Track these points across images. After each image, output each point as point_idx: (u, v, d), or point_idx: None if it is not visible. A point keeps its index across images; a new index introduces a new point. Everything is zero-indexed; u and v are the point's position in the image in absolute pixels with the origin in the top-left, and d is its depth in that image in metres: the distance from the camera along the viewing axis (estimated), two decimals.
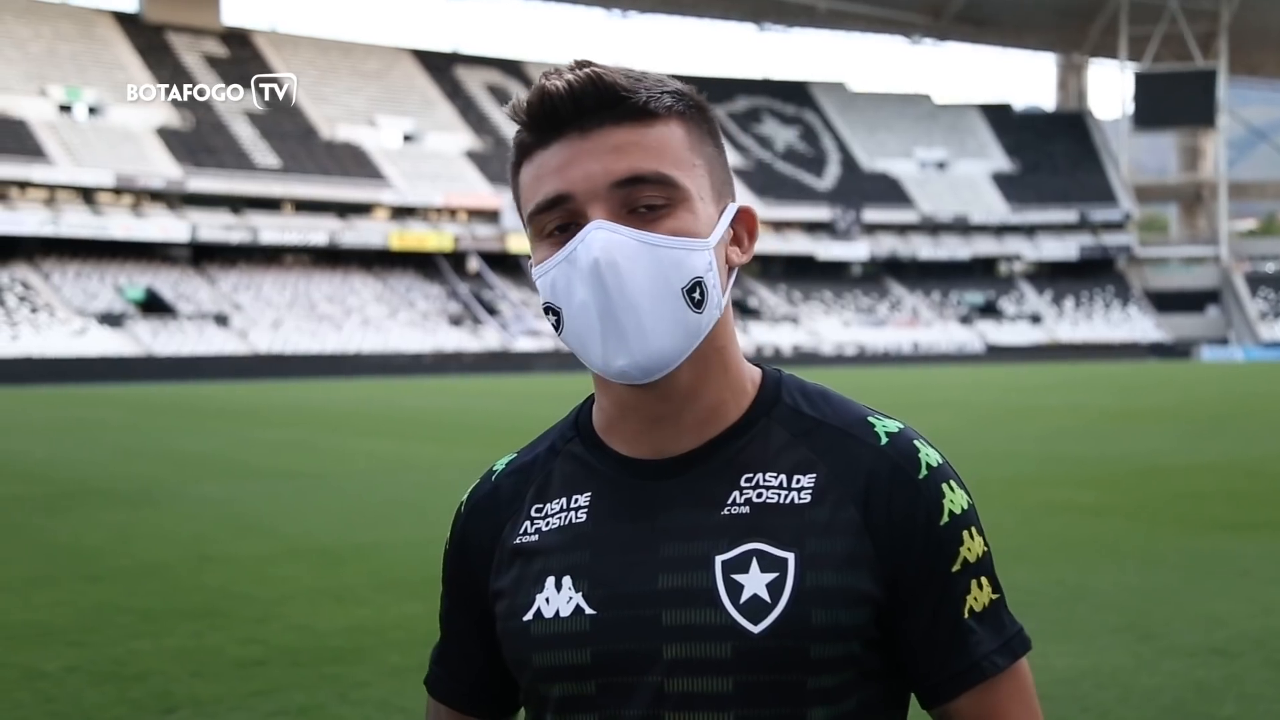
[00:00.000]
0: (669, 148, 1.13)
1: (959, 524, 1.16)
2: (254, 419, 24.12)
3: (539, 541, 1.22)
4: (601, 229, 1.10)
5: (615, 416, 1.22)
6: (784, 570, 1.13)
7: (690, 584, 1.14)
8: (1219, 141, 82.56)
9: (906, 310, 72.15)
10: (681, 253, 1.12)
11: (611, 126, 1.12)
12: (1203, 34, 79.43)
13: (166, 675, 5.69)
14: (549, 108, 1.13)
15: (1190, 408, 24.22)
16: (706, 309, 1.14)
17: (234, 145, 62.33)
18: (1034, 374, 45.04)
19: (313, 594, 7.38)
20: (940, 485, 1.17)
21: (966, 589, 1.16)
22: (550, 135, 1.14)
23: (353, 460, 15.49)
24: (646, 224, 1.12)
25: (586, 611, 1.16)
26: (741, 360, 1.23)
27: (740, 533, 1.15)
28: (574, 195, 1.12)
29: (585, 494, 1.22)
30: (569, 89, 1.12)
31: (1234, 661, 5.65)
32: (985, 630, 1.16)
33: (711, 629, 1.12)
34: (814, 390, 1.24)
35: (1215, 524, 9.59)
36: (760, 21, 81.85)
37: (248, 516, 10.75)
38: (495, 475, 1.30)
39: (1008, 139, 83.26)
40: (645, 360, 1.12)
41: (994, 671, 1.15)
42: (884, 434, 1.19)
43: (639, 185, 1.11)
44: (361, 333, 57.11)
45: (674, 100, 1.15)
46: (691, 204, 1.14)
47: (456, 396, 32.79)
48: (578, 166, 1.12)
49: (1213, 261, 77.48)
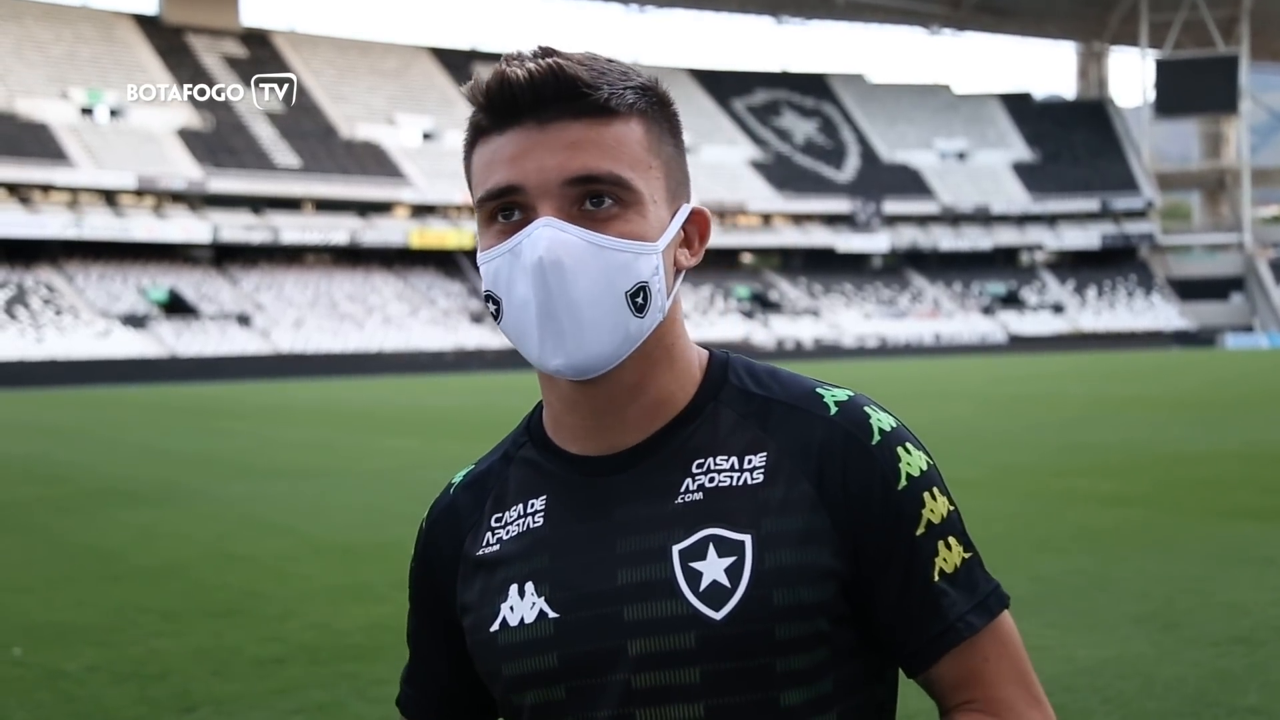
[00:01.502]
0: (626, 148, 1.11)
1: (918, 486, 1.14)
2: (276, 418, 24.23)
3: (500, 551, 1.21)
4: (550, 226, 1.08)
5: (561, 412, 1.20)
6: (741, 553, 1.11)
7: (649, 577, 1.12)
8: (1241, 128, 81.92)
9: (928, 302, 71.89)
10: (628, 256, 1.10)
11: (570, 121, 1.10)
12: (1224, 19, 78.81)
13: (187, 674, 5.71)
14: (508, 95, 1.10)
15: (1214, 395, 24.05)
16: (649, 313, 1.12)
17: (254, 145, 62.60)
18: (1056, 363, 44.82)
19: (333, 592, 7.40)
20: (895, 449, 1.14)
21: (934, 551, 1.13)
22: (507, 122, 1.11)
23: (374, 459, 15.53)
24: (596, 224, 1.10)
25: (550, 615, 1.15)
26: (690, 350, 1.21)
27: (695, 520, 1.13)
28: (525, 188, 1.10)
29: (540, 498, 1.21)
30: (529, 78, 1.10)
31: (1257, 650, 5.60)
32: (958, 591, 1.13)
33: (673, 620, 1.11)
34: (762, 369, 1.22)
35: (1239, 512, 9.51)
36: (778, 14, 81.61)
37: (269, 516, 10.79)
38: (454, 488, 1.29)
39: (1028, 128, 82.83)
40: (581, 361, 1.11)
41: (970, 632, 1.13)
42: (833, 404, 1.17)
43: (592, 184, 1.10)
44: (383, 331, 57.29)
45: (637, 97, 1.13)
46: (643, 207, 1.12)
47: (478, 394, 32.84)
48: (532, 159, 1.10)
49: (1236, 248, 76.95)
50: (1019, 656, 1.16)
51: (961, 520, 1.17)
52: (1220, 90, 78.40)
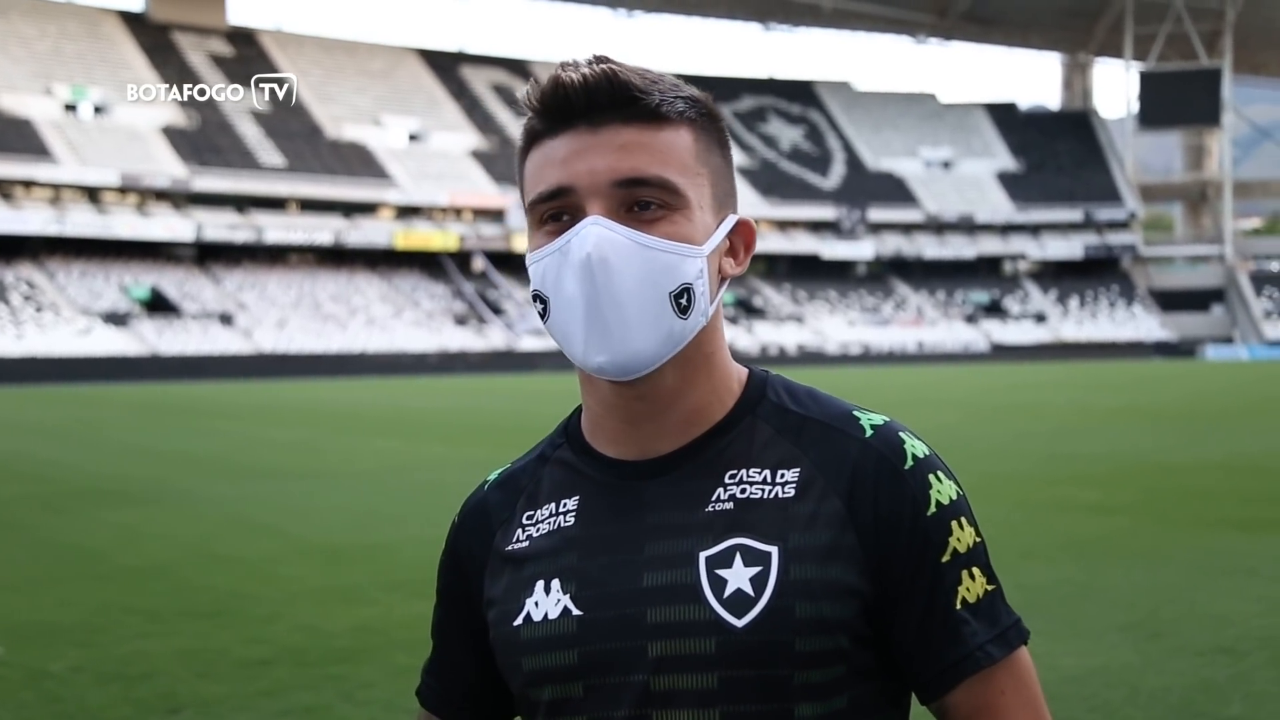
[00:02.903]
0: (676, 153, 1.14)
1: (947, 514, 1.15)
2: (260, 419, 24.15)
3: (529, 547, 1.22)
4: (598, 224, 1.11)
5: (599, 415, 1.22)
6: (767, 564, 1.12)
7: (674, 581, 1.14)
8: (1224, 140, 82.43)
9: (911, 309, 72.10)
10: (674, 258, 1.12)
11: (621, 125, 1.13)
12: (1208, 33, 79.30)
13: (172, 675, 5.69)
14: (561, 98, 1.13)
15: (1196, 406, 24.18)
16: (692, 316, 1.14)
17: (239, 144, 62.41)
18: (1039, 373, 44.99)
19: (319, 594, 7.38)
20: (927, 476, 1.16)
21: (958, 580, 1.14)
22: (560, 126, 1.14)
23: (359, 460, 15.49)
24: (643, 226, 1.12)
25: (574, 613, 1.16)
26: (729, 364, 1.23)
27: (724, 528, 1.15)
28: (575, 188, 1.12)
29: (573, 498, 1.22)
30: (584, 82, 1.12)
31: (1241, 660, 5.63)
32: (979, 621, 1.14)
33: (695, 625, 1.12)
34: (801, 389, 1.24)
35: (1222, 522, 9.57)
36: (766, 21, 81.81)
37: (255, 516, 10.76)
38: (487, 486, 1.31)
39: (1013, 138, 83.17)
40: (623, 359, 1.12)
41: (988, 662, 1.14)
42: (869, 426, 1.18)
43: (641, 187, 1.12)
44: (366, 332, 57.16)
45: (687, 106, 1.16)
46: (690, 212, 1.14)
47: (462, 396, 32.80)
48: (583, 160, 1.12)
49: (1217, 260, 77.37)
50: (1035, 693, 1.17)
51: (987, 553, 1.18)
52: (1203, 103, 78.86)
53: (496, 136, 70.59)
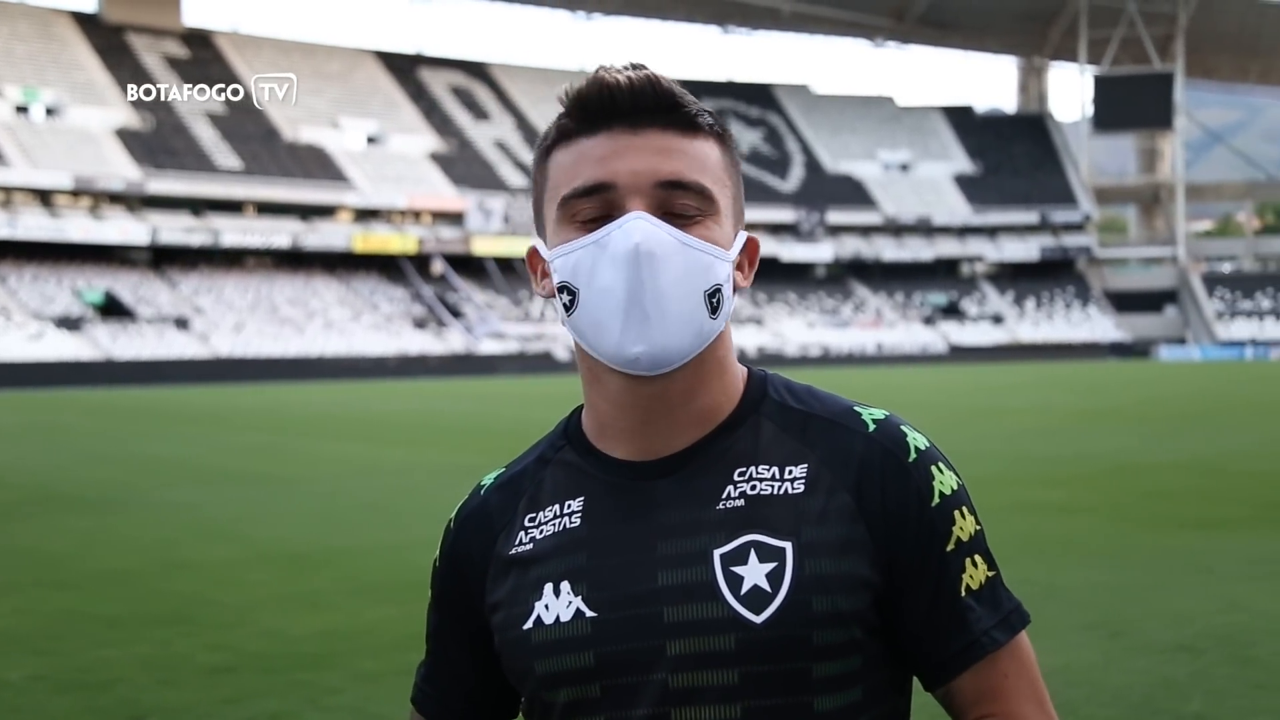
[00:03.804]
0: (709, 162, 1.18)
1: (950, 504, 1.19)
2: (218, 423, 23.92)
3: (533, 550, 1.22)
4: (643, 219, 1.13)
5: (609, 415, 1.22)
6: (782, 559, 1.14)
7: (690, 579, 1.15)
8: (1176, 144, 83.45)
9: (870, 311, 72.49)
10: (709, 259, 1.16)
11: (660, 130, 1.16)
12: (1160, 37, 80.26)
13: (134, 683, 5.62)
14: (606, 99, 1.16)
15: (1152, 407, 24.46)
16: (720, 316, 1.18)
17: (195, 147, 61.82)
18: (997, 374, 45.36)
19: (283, 599, 7.32)
20: (929, 467, 1.19)
21: (961, 568, 1.18)
22: (599, 125, 1.17)
23: (320, 464, 15.39)
24: (681, 226, 1.15)
25: (587, 614, 1.17)
26: (736, 366, 1.26)
27: (737, 525, 1.16)
28: (616, 185, 1.15)
29: (578, 499, 1.23)
30: (629, 84, 1.16)
31: (1200, 658, 5.71)
32: (983, 607, 1.18)
33: (714, 622, 1.13)
34: (799, 386, 1.27)
35: (1181, 522, 9.69)
36: (724, 24, 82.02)
37: (215, 521, 10.66)
38: (484, 489, 1.31)
39: (970, 141, 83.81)
40: (659, 352, 1.15)
41: (994, 647, 1.17)
42: (871, 421, 1.22)
43: (680, 190, 1.15)
44: (324, 336, 56.77)
45: (714, 121, 1.20)
46: (720, 218, 1.18)
47: (422, 399, 32.65)
48: (623, 160, 1.15)
49: (1170, 262, 78.31)
50: (1035, 675, 1.20)
51: (986, 539, 1.22)
52: (1156, 106, 79.79)
53: (455, 139, 70.34)
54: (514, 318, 62.94)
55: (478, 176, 67.93)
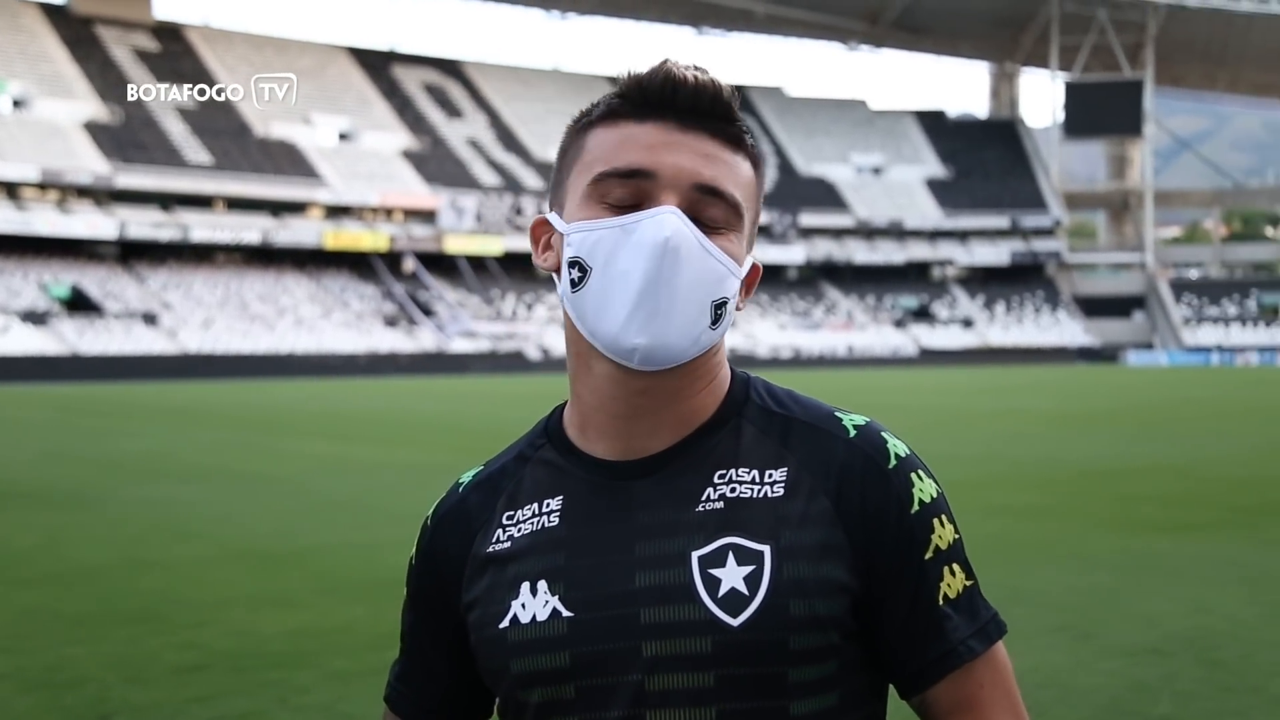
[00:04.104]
0: (743, 180, 1.19)
1: (929, 512, 1.18)
2: (186, 420, 23.75)
3: (511, 548, 1.21)
4: (676, 214, 1.13)
5: (592, 409, 1.21)
6: (760, 563, 1.14)
7: (668, 581, 1.14)
8: (1145, 150, 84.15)
9: (842, 314, 72.74)
10: (724, 270, 1.16)
11: (707, 136, 1.16)
12: (1130, 45, 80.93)
13: (101, 682, 5.57)
14: (668, 90, 1.16)
15: (1121, 412, 24.64)
16: (720, 329, 1.18)
17: (164, 141, 61.38)
18: (967, 377, 45.60)
19: (252, 598, 7.27)
20: (909, 474, 1.19)
21: (940, 576, 1.17)
22: (650, 114, 1.16)
23: (290, 462, 15.30)
24: (707, 233, 1.16)
25: (564, 614, 1.16)
26: (726, 377, 1.26)
27: (715, 528, 1.16)
28: (659, 175, 1.14)
29: (557, 498, 1.22)
30: (695, 82, 1.16)
31: (1168, 660, 5.75)
32: (960, 616, 1.18)
33: (691, 624, 1.13)
34: (780, 390, 1.27)
35: (1148, 526, 9.76)
36: (699, 25, 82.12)
37: (183, 519, 10.57)
38: (462, 487, 1.30)
39: (942, 145, 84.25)
40: (657, 347, 1.14)
41: (970, 656, 1.17)
42: (852, 427, 1.21)
43: (714, 198, 1.16)
44: (295, 333, 56.48)
45: (754, 143, 1.22)
46: (740, 236, 1.19)
47: (393, 397, 32.53)
48: (670, 153, 1.15)
49: (1139, 268, 78.98)
50: (1011, 685, 1.20)
51: (964, 549, 1.21)
52: (1125, 113, 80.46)
53: (428, 137, 70.12)
54: (486, 317, 62.81)
55: (450, 175, 67.74)
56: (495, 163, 70.32)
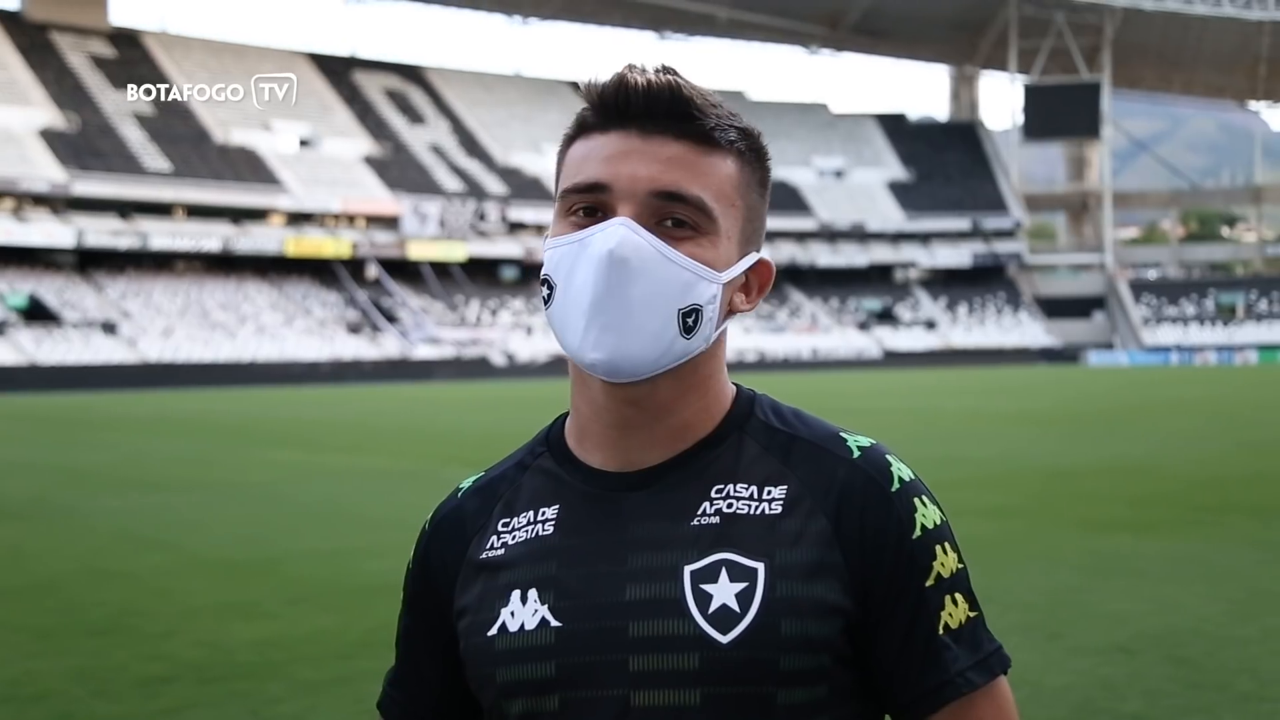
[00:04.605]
0: (718, 179, 1.15)
1: (931, 539, 1.15)
2: (148, 430, 23.53)
3: (504, 555, 1.20)
4: (625, 225, 1.11)
5: (588, 418, 1.20)
6: (753, 580, 1.11)
7: (658, 594, 1.12)
8: (1104, 152, 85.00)
9: (806, 317, 73.01)
10: (692, 277, 1.13)
11: (672, 139, 1.14)
12: (1088, 48, 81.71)
13: (67, 695, 5.50)
14: (623, 98, 1.14)
15: (1083, 411, 24.86)
16: (695, 337, 1.14)
17: (122, 148, 60.78)
18: (930, 379, 45.87)
19: (219, 609, 7.20)
20: (912, 499, 1.16)
21: (940, 604, 1.14)
22: (612, 124, 1.15)
23: (254, 471, 15.17)
24: (670, 240, 1.13)
25: (552, 624, 1.14)
26: (725, 387, 1.23)
27: (709, 543, 1.14)
28: (612, 188, 1.13)
29: (553, 507, 1.20)
30: (648, 87, 1.14)
31: (1136, 658, 5.80)
32: (961, 647, 1.14)
33: (679, 639, 1.10)
34: (787, 409, 1.24)
35: (1113, 525, 9.84)
36: (661, 30, 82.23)
37: (146, 530, 10.46)
38: (461, 493, 1.29)
39: (903, 148, 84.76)
40: (617, 360, 1.12)
41: (968, 689, 1.13)
42: (856, 448, 1.19)
43: (676, 203, 1.13)
44: (256, 341, 56.07)
45: (739, 137, 1.17)
46: (717, 239, 1.15)
47: (357, 405, 32.35)
48: (626, 163, 1.13)
49: (1098, 269, 79.74)
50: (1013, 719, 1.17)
51: (969, 579, 1.18)
52: (1084, 116, 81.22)
53: (390, 143, 69.81)
54: (450, 323, 62.60)
55: (413, 180, 67.48)
56: (458, 168, 70.11)
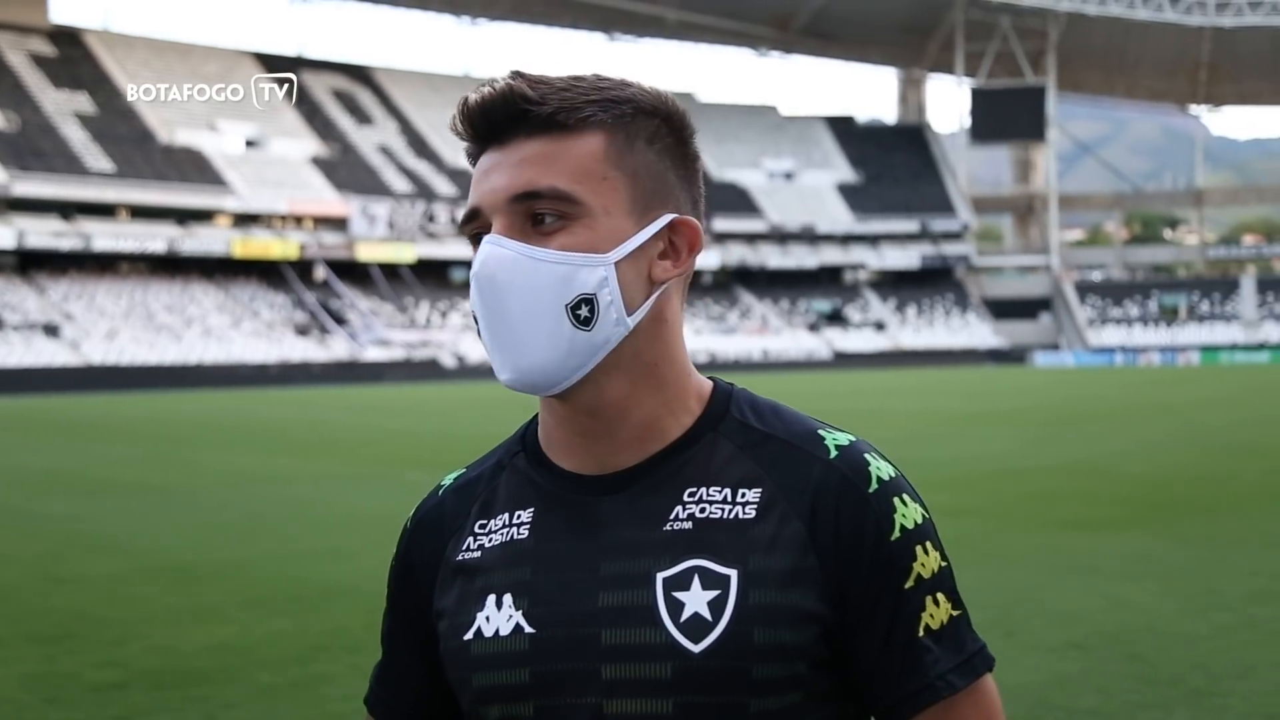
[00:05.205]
0: (576, 161, 1.10)
1: (911, 539, 1.12)
2: (94, 433, 23.20)
3: (481, 558, 1.19)
4: (490, 243, 1.10)
5: (551, 427, 1.19)
6: (726, 588, 1.09)
7: (631, 602, 1.10)
8: (1049, 155, 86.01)
9: (756, 318, 73.28)
10: (568, 269, 1.09)
11: (524, 139, 1.11)
12: (1033, 52, 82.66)
13: (18, 703, 5.42)
14: (465, 121, 1.14)
15: (1032, 411, 25.13)
16: (597, 326, 1.10)
17: (64, 149, 59.89)
18: (880, 380, 46.19)
19: (172, 613, 7.11)
20: (891, 499, 1.12)
21: (921, 606, 1.11)
22: (481, 146, 1.15)
23: (203, 474, 15.00)
24: (541, 239, 1.10)
25: (526, 630, 1.13)
26: (685, 377, 1.18)
27: (682, 549, 1.11)
28: (482, 208, 1.13)
29: (528, 510, 1.19)
30: (480, 103, 1.12)
31: (1091, 655, 5.86)
32: (942, 649, 1.11)
33: (651, 648, 1.09)
34: (764, 404, 1.20)
35: (1065, 523, 9.96)
36: (610, 31, 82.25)
37: (96, 535, 10.31)
38: (443, 490, 1.27)
39: (851, 150, 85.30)
40: (525, 374, 1.11)
41: (949, 691, 1.10)
42: (834, 447, 1.15)
43: (534, 200, 1.10)
44: (203, 343, 55.45)
45: (596, 110, 1.11)
46: (593, 220, 1.10)
47: (306, 408, 32.08)
48: (488, 180, 1.12)
49: (1044, 270, 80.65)
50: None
51: (953, 577, 1.15)
52: (1029, 119, 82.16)
53: (338, 143, 69.27)
54: (399, 324, 62.23)
55: (361, 181, 67.00)
56: (407, 169, 69.71)
